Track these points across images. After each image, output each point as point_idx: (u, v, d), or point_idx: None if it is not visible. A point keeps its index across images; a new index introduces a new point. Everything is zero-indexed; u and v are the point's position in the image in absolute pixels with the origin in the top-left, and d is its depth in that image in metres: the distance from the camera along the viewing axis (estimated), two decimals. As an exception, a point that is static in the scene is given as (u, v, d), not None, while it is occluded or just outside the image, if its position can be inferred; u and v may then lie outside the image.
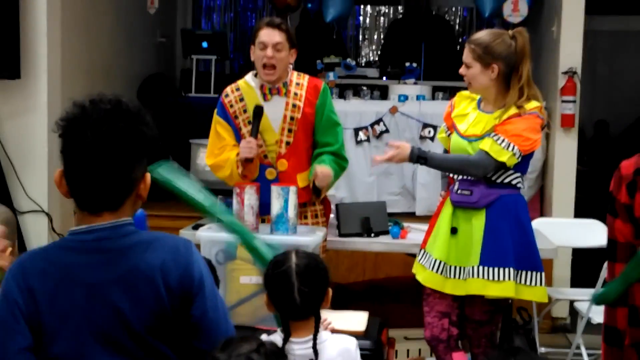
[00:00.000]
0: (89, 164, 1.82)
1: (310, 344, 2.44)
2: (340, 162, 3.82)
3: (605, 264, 4.21)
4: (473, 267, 3.40)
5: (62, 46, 5.59)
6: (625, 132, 9.22)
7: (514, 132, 3.35)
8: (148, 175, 1.96)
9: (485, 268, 3.38)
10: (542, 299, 3.51)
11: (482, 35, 3.46)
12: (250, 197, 3.40)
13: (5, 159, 5.27)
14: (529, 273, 3.43)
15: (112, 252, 1.88)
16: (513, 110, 3.39)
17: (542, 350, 4.77)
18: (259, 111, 3.65)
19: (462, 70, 3.47)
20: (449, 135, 3.65)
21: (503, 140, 3.34)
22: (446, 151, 3.75)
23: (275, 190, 3.40)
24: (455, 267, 3.45)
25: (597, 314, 4.33)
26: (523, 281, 3.43)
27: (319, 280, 2.49)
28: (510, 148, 3.34)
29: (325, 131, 3.79)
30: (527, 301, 4.39)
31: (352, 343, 2.53)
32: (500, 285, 3.37)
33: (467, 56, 3.44)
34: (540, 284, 3.45)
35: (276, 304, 2.48)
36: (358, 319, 3.26)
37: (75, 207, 1.89)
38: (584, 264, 5.34)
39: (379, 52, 8.86)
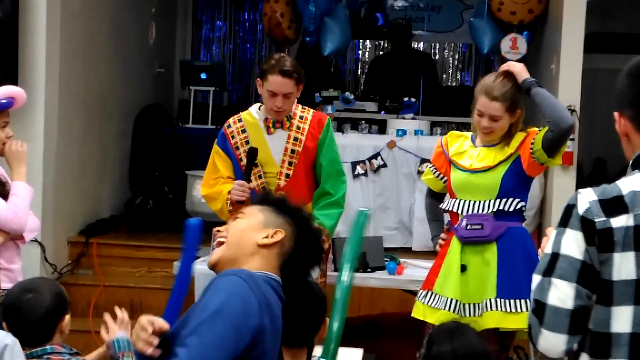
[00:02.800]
0: None
1: None
2: (337, 210, 3.81)
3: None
4: (490, 300, 3.39)
5: (60, 76, 5.59)
6: (623, 171, 9.23)
7: None
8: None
9: (503, 300, 3.39)
10: None
11: (502, 86, 3.44)
12: None
13: (0, 188, 5.23)
14: None
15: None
16: (520, 136, 3.46)
17: (539, 389, 4.71)
18: (252, 153, 3.63)
19: (487, 123, 3.43)
20: (438, 176, 3.65)
21: None
22: (431, 192, 3.76)
23: None
24: (469, 305, 3.43)
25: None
26: None
27: (315, 309, 2.44)
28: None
29: (328, 179, 3.78)
30: (523, 340, 4.36)
31: None
32: (517, 316, 3.37)
33: (497, 110, 3.40)
34: None
35: None
36: (353, 356, 3.21)
37: None
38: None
39: (361, 88, 8.93)
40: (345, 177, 3.88)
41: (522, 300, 3.37)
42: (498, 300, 3.38)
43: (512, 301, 3.38)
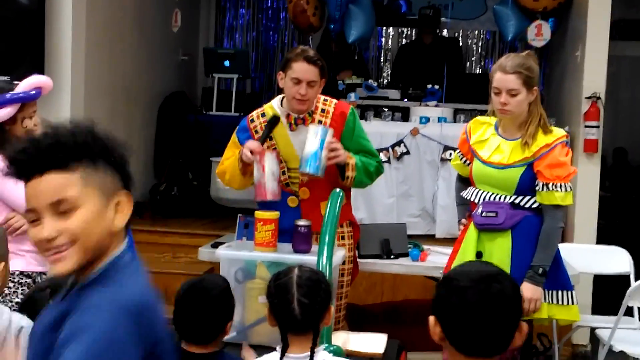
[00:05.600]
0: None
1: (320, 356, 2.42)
2: (373, 162, 3.75)
3: (628, 292, 4.19)
4: None
5: (85, 65, 5.64)
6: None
7: (561, 173, 3.35)
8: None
9: None
10: (576, 317, 3.50)
11: (520, 60, 3.42)
12: (271, 162, 3.34)
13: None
14: (560, 292, 3.42)
15: None
16: (541, 138, 3.38)
17: (562, 377, 4.71)
18: (274, 120, 3.62)
19: (505, 98, 3.38)
20: (465, 162, 3.64)
21: (560, 186, 3.35)
22: (460, 177, 3.74)
23: (312, 128, 3.38)
24: None
25: (619, 342, 4.28)
26: (555, 301, 3.42)
27: (320, 294, 2.48)
28: (568, 188, 3.37)
29: (360, 145, 3.74)
30: (547, 327, 4.36)
31: None
32: None
33: (514, 83, 3.36)
34: (573, 302, 3.44)
35: (276, 316, 2.47)
36: (376, 342, 3.23)
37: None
38: (606, 291, 5.29)
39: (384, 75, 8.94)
40: (378, 158, 3.84)
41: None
42: None
43: None
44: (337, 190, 3.33)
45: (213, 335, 2.67)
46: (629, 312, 4.46)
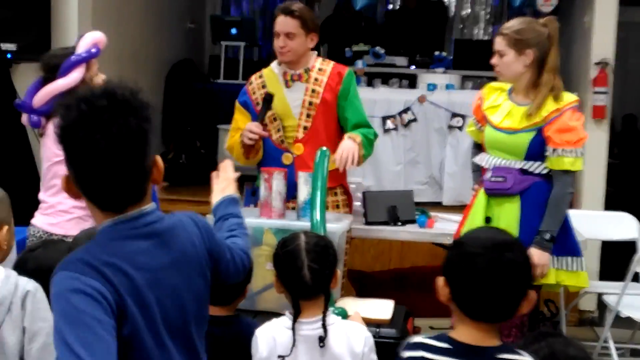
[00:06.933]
0: (106, 167, 1.70)
1: (319, 324, 2.45)
2: (371, 130, 3.74)
3: (635, 258, 4.20)
4: None
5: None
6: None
7: (571, 138, 3.32)
8: (159, 158, 1.84)
9: None
10: (584, 283, 3.49)
11: (514, 22, 3.44)
12: (278, 182, 3.40)
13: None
14: (569, 259, 3.43)
15: (162, 235, 1.81)
16: (551, 103, 3.35)
17: (568, 343, 4.73)
18: (268, 98, 3.65)
19: (495, 59, 3.42)
20: (479, 128, 3.63)
21: (570, 151, 3.32)
22: (476, 144, 3.74)
23: (302, 176, 3.39)
24: None
25: (626, 308, 4.29)
26: (564, 267, 3.42)
27: (328, 259, 2.51)
28: (579, 154, 3.34)
29: (354, 112, 3.75)
30: (554, 293, 4.37)
31: (361, 332, 2.52)
32: None
33: (499, 44, 3.39)
34: (581, 268, 3.44)
35: (286, 283, 2.49)
36: (384, 308, 3.25)
37: (92, 208, 1.79)
38: (613, 257, 5.29)
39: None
40: (373, 129, 3.84)
41: None
42: None
43: None
44: (324, 148, 3.35)
45: (232, 297, 2.70)
46: (636, 278, 4.47)
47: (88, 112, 1.68)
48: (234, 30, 7.43)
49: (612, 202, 5.76)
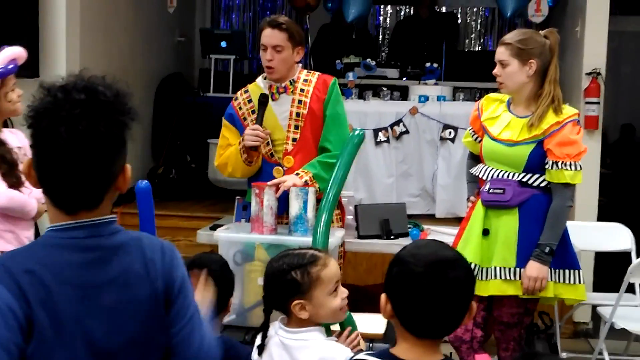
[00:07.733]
0: (63, 163, 1.61)
1: (299, 335, 2.42)
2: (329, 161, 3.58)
3: (629, 269, 4.17)
4: (510, 269, 3.35)
5: (80, 45, 5.59)
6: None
7: (571, 151, 3.32)
8: (128, 167, 1.75)
9: (523, 270, 3.33)
10: (582, 297, 3.47)
11: (516, 33, 3.43)
12: (269, 197, 3.36)
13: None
14: (567, 271, 3.40)
15: (104, 250, 1.68)
16: (551, 116, 3.34)
17: (563, 355, 4.70)
18: (264, 99, 3.62)
19: (497, 70, 3.40)
20: (476, 139, 3.61)
21: (570, 164, 3.32)
22: (471, 155, 3.71)
23: (294, 191, 3.35)
24: (489, 269, 3.39)
25: (621, 319, 4.26)
26: (562, 280, 3.39)
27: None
28: (578, 167, 3.35)
29: (328, 131, 3.69)
30: (548, 305, 4.34)
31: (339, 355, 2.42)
32: None
33: (502, 54, 3.37)
34: (579, 281, 3.41)
35: None
36: (377, 322, 3.22)
37: (47, 202, 1.69)
38: (607, 269, 5.27)
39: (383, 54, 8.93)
40: (348, 131, 3.75)
41: None
42: (518, 269, 3.34)
43: None
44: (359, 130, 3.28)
45: (215, 312, 2.66)
46: (631, 289, 4.45)
47: (61, 102, 1.61)
48: (223, 44, 7.41)
49: (606, 213, 5.74)
